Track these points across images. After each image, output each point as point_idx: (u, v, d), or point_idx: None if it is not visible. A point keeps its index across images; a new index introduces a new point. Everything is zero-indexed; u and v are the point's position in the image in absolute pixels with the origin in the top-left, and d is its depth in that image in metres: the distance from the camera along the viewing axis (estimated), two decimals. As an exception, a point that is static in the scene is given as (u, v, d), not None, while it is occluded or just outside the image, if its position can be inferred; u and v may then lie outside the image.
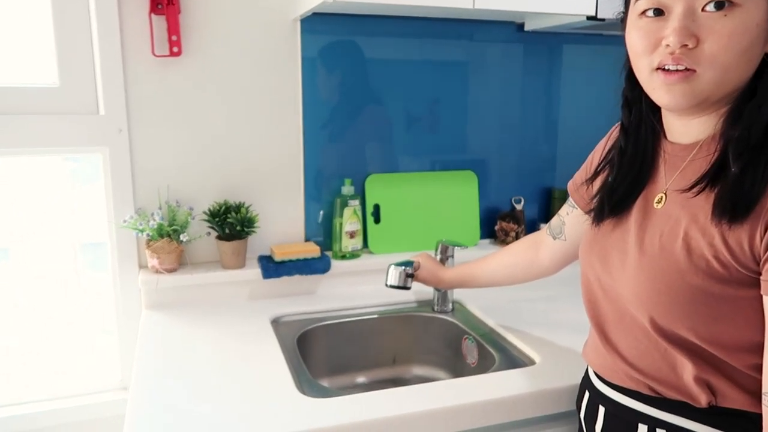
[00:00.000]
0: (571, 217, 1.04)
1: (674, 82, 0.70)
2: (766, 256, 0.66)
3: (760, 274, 0.68)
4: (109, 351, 1.51)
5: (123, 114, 1.33)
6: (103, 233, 1.40)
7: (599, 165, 0.91)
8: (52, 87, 1.31)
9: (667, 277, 0.74)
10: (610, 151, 0.89)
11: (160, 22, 1.31)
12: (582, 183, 0.98)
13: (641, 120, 0.84)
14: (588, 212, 0.91)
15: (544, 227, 1.14)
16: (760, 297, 0.69)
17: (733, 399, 0.74)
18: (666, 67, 0.70)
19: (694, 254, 0.71)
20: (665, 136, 0.83)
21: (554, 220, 1.10)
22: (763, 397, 0.68)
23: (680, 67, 0.69)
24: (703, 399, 0.75)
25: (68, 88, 1.31)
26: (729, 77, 0.69)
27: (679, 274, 0.72)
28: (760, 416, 0.70)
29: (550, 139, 1.72)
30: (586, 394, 0.92)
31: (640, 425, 0.80)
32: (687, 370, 0.75)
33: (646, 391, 0.80)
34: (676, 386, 0.77)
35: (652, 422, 0.79)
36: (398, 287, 1.27)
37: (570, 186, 1.03)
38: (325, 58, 1.47)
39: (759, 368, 0.70)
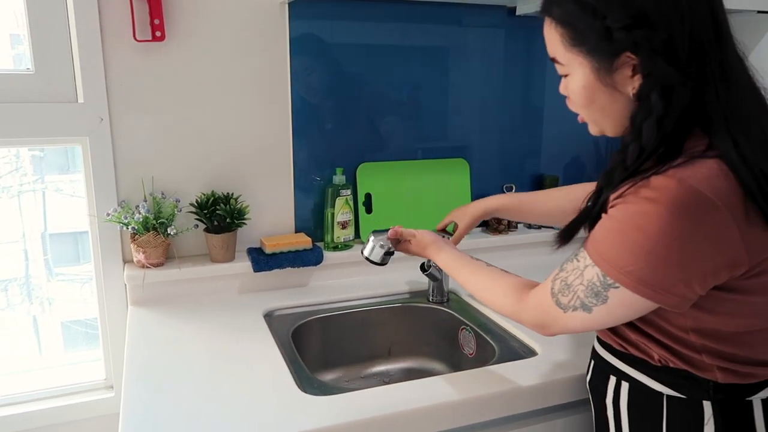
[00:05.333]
0: None
1: None
2: None
3: None
4: (93, 348, 1.46)
5: (104, 102, 1.26)
6: (80, 224, 1.34)
7: None
8: (27, 73, 1.24)
9: None
10: None
11: (141, 5, 1.25)
12: None
13: None
14: None
15: None
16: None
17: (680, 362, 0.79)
18: None
19: None
20: None
21: None
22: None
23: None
24: (655, 357, 0.81)
25: (44, 74, 1.24)
26: (594, 119, 0.82)
27: None
28: (707, 380, 0.78)
29: (539, 125, 1.71)
30: (592, 361, 0.95)
31: (611, 377, 0.88)
32: (641, 332, 0.82)
33: (617, 347, 0.86)
34: (635, 343, 0.83)
35: (620, 375, 0.86)
36: (374, 263, 1.17)
37: None
38: (315, 43, 1.42)
39: (702, 345, 0.78)
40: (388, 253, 1.17)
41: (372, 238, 1.18)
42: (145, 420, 0.89)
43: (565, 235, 0.83)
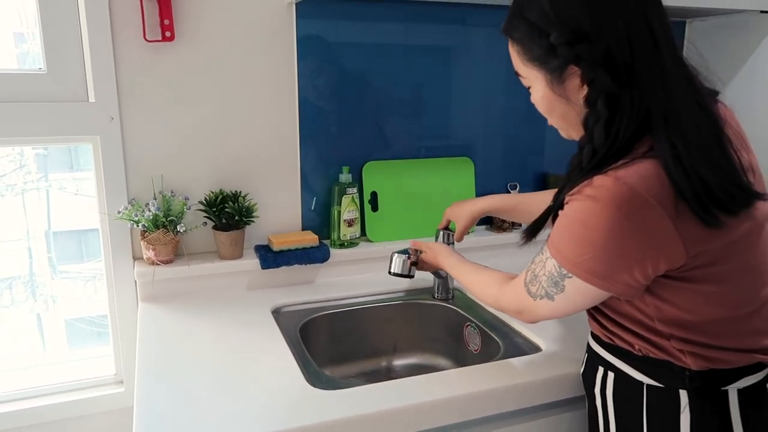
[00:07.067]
0: None
1: None
2: None
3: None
4: (98, 345, 1.47)
5: (114, 101, 1.28)
6: (84, 222, 1.36)
7: None
8: (39, 73, 1.26)
9: None
10: None
11: (151, 6, 1.26)
12: None
13: None
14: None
15: None
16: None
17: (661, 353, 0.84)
18: None
19: None
20: None
21: None
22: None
23: None
24: (636, 347, 0.86)
25: (56, 74, 1.26)
26: (559, 125, 0.91)
27: None
28: (683, 369, 0.82)
29: (543, 124, 1.71)
30: (587, 354, 0.99)
31: (600, 367, 0.93)
32: (617, 323, 0.88)
33: (605, 339, 0.91)
34: (618, 335, 0.88)
35: (607, 365, 0.91)
36: (402, 275, 1.28)
37: None
38: (322, 43, 1.43)
39: (669, 334, 0.82)
40: (414, 264, 1.28)
41: (395, 256, 1.28)
42: (158, 413, 0.91)
43: (530, 233, 0.90)
